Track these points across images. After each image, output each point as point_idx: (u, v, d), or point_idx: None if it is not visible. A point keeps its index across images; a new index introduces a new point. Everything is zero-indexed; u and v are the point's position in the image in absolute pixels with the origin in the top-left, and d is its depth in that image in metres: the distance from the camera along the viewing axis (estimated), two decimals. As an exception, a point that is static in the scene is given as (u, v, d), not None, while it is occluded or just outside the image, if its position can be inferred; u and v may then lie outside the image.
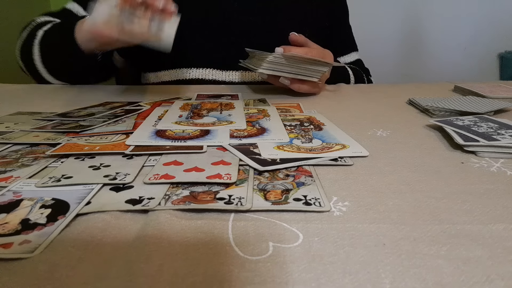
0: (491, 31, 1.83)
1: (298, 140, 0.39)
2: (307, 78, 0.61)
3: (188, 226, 0.23)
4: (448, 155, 0.36)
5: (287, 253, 0.21)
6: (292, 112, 0.52)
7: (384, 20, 1.83)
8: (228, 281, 0.19)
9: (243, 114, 0.48)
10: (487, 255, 0.21)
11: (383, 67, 1.67)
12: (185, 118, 0.46)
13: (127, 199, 0.26)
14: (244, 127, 0.42)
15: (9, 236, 0.22)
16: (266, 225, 0.24)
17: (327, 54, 0.65)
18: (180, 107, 0.52)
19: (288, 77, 0.61)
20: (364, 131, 0.43)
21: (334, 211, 0.25)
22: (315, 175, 0.31)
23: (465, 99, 0.55)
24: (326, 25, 0.88)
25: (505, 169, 0.32)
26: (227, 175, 0.30)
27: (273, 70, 0.60)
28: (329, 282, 0.18)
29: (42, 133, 0.41)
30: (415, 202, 0.27)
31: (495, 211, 0.25)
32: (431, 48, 1.88)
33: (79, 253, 0.21)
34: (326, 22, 0.88)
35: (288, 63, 0.59)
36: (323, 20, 0.87)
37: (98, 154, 0.35)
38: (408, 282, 0.18)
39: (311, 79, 0.61)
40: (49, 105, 0.57)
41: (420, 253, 0.21)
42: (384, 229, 0.23)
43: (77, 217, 0.24)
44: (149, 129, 0.41)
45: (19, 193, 0.27)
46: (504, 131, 0.39)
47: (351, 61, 0.93)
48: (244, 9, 0.79)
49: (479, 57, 1.87)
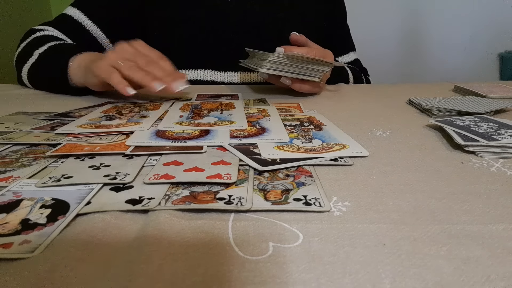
0: (491, 31, 1.83)
1: (298, 140, 0.39)
2: (309, 78, 0.61)
3: (188, 226, 0.23)
4: (448, 155, 0.36)
5: (287, 253, 0.21)
6: (292, 112, 0.52)
7: (384, 20, 1.83)
8: (228, 281, 0.19)
9: (244, 114, 0.48)
10: (487, 255, 0.21)
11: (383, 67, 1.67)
12: (186, 119, 0.46)
13: (127, 199, 0.26)
14: (245, 127, 0.42)
15: (9, 236, 0.22)
16: (266, 225, 0.24)
17: (328, 54, 0.65)
18: (181, 108, 0.52)
19: (289, 77, 0.61)
20: (364, 131, 0.43)
21: (334, 211, 0.25)
22: (315, 175, 0.31)
23: (465, 99, 0.55)
24: (323, 25, 0.88)
25: (505, 169, 0.32)
26: (227, 175, 0.30)
27: (274, 70, 0.59)
28: (329, 282, 0.18)
29: (42, 133, 0.41)
30: (415, 202, 0.27)
31: (495, 211, 0.25)
32: (431, 48, 1.88)
33: (79, 253, 0.21)
34: (324, 22, 0.88)
35: (289, 63, 0.59)
36: (320, 20, 0.87)
37: (98, 154, 0.35)
38: (408, 282, 0.18)
39: (312, 79, 0.61)
40: (49, 105, 0.57)
41: (420, 253, 0.21)
42: (384, 229, 0.23)
43: (77, 217, 0.24)
44: (149, 130, 0.41)
45: (19, 193, 0.27)
46: (504, 131, 0.39)
47: (349, 61, 0.93)
48: (242, 10, 0.79)
49: (479, 57, 1.87)
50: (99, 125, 0.43)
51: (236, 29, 0.77)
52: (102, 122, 0.44)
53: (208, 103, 0.55)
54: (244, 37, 0.77)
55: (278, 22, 0.79)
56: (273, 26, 0.79)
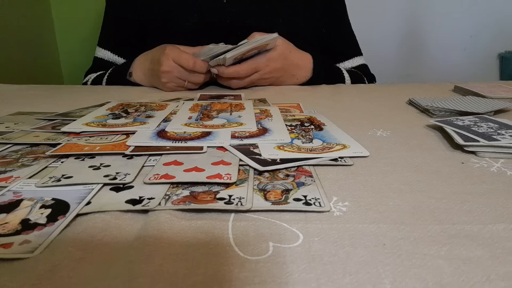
0: (491, 31, 1.83)
1: (298, 140, 0.39)
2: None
3: (188, 226, 0.23)
4: (448, 155, 0.36)
5: (287, 253, 0.21)
6: (292, 112, 0.52)
7: (384, 20, 1.83)
8: (228, 281, 0.19)
9: (253, 115, 0.47)
10: (487, 255, 0.21)
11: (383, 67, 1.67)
12: (195, 120, 0.45)
13: (127, 199, 0.26)
14: (254, 129, 0.41)
15: (9, 236, 0.22)
16: (266, 225, 0.24)
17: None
18: (190, 108, 0.51)
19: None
20: (364, 131, 0.43)
21: (334, 211, 0.25)
22: (315, 175, 0.31)
23: (465, 99, 0.55)
24: (322, 32, 0.88)
25: (505, 169, 0.32)
26: (227, 175, 0.30)
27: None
28: (329, 282, 0.18)
29: (42, 133, 0.41)
30: (415, 202, 0.27)
31: (495, 211, 0.25)
32: (431, 48, 1.88)
33: (79, 253, 0.21)
34: (323, 28, 0.88)
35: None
36: (319, 26, 0.87)
37: (98, 154, 0.35)
38: (408, 282, 0.18)
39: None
40: (49, 105, 0.57)
41: (420, 253, 0.21)
42: (384, 229, 0.23)
43: (77, 217, 0.24)
44: (150, 130, 0.41)
45: (19, 193, 0.27)
46: (504, 131, 0.39)
47: (353, 66, 0.91)
48: (239, 13, 0.80)
49: (479, 57, 1.87)
50: (105, 124, 0.43)
51: (233, 33, 0.78)
52: (108, 120, 0.44)
53: (218, 104, 0.55)
54: (241, 40, 0.78)
55: (275, 28, 0.79)
56: (270, 31, 0.80)
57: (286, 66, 0.73)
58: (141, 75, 0.75)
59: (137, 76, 0.76)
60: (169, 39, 0.75)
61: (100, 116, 0.46)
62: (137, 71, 0.76)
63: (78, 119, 0.45)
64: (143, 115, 0.48)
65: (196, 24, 0.80)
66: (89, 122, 0.43)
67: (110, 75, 0.81)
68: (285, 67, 0.73)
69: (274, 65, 0.71)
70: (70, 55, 1.37)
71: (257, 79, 0.71)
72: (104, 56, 0.89)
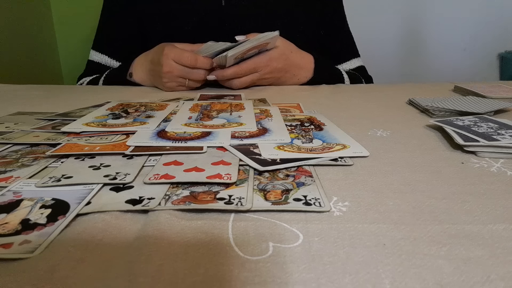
0: (491, 31, 1.83)
1: (298, 140, 0.39)
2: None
3: (188, 226, 0.23)
4: (448, 155, 0.36)
5: (287, 253, 0.21)
6: (292, 112, 0.52)
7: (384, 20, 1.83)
8: (228, 281, 0.19)
9: (253, 115, 0.47)
10: (487, 255, 0.21)
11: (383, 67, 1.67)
12: (195, 120, 0.45)
13: (127, 199, 0.26)
14: (254, 129, 0.42)
15: (9, 236, 0.22)
16: (266, 225, 0.24)
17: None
18: (190, 108, 0.51)
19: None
20: (364, 131, 0.43)
21: (334, 211, 0.25)
22: (315, 175, 0.31)
23: (465, 99, 0.55)
24: (321, 34, 0.88)
25: (505, 169, 0.32)
26: (227, 175, 0.30)
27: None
28: (329, 282, 0.18)
29: (42, 133, 0.41)
30: (415, 202, 0.27)
31: (495, 211, 0.25)
32: (431, 48, 1.87)
33: (79, 253, 0.21)
34: (322, 30, 0.88)
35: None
36: (317, 28, 0.88)
37: (98, 154, 0.35)
38: (408, 282, 0.18)
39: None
40: (49, 105, 0.57)
41: (420, 253, 0.21)
42: (384, 229, 0.23)
43: (77, 217, 0.24)
44: (150, 130, 0.41)
45: (19, 193, 0.27)
46: (504, 131, 0.39)
47: (351, 68, 0.92)
48: (238, 17, 0.80)
49: (479, 57, 1.87)
50: (105, 124, 0.43)
51: (232, 35, 0.78)
52: (108, 120, 0.44)
53: (218, 104, 0.55)
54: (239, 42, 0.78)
55: (273, 30, 0.80)
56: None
57: (287, 66, 0.73)
58: (143, 75, 0.76)
59: (139, 77, 0.76)
60: (169, 42, 0.76)
61: (100, 116, 0.46)
62: (138, 71, 0.76)
63: (78, 119, 0.45)
64: (143, 115, 0.48)
65: (196, 28, 0.81)
66: (89, 122, 0.43)
67: (107, 77, 0.81)
68: (286, 67, 0.73)
69: (275, 64, 0.71)
70: (70, 55, 1.37)
71: (258, 79, 0.71)
72: (101, 60, 0.88)
